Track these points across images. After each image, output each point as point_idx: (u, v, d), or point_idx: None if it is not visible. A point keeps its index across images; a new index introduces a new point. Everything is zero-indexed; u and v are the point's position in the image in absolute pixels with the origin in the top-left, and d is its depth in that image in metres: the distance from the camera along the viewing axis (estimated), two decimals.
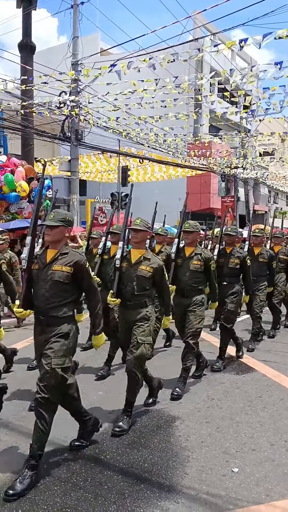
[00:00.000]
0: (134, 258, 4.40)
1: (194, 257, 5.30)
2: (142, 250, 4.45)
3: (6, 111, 12.71)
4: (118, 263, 4.41)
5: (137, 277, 4.30)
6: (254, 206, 33.64)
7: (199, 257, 5.29)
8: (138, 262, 4.36)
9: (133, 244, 4.49)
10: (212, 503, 3.05)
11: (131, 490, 3.18)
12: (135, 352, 4.16)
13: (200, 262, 5.27)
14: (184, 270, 5.29)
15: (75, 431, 3.92)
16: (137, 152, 18.98)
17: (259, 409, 4.68)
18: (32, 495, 3.09)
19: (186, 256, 5.35)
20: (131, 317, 4.30)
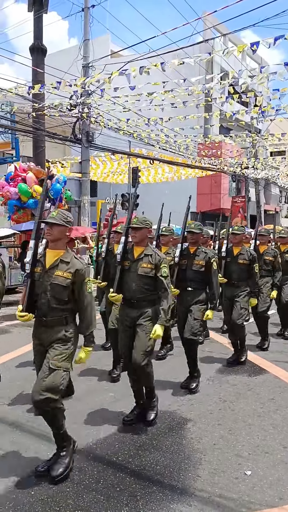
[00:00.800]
0: (136, 255, 4.32)
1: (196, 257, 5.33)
2: (142, 248, 4.35)
3: (18, 114, 12.80)
4: (118, 258, 4.33)
5: (138, 275, 4.23)
6: (265, 206, 33.48)
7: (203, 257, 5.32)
8: (139, 259, 4.27)
9: (134, 243, 4.38)
10: (224, 506, 3.04)
11: (143, 492, 3.18)
12: None
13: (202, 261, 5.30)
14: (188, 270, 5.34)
15: (87, 432, 3.94)
16: (147, 153, 19.01)
17: (271, 411, 4.65)
18: (44, 497, 3.10)
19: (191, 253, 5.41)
20: (134, 314, 4.23)
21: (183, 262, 5.36)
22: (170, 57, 11.82)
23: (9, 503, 3.04)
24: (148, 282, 4.21)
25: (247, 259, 6.33)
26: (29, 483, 3.27)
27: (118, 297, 4.31)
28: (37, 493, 3.15)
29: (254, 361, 6.45)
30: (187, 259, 5.34)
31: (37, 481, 3.29)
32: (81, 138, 14.61)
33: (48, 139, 14.64)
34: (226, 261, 6.42)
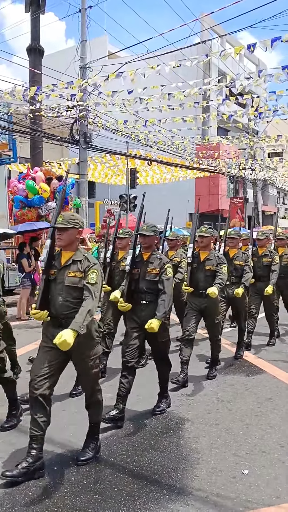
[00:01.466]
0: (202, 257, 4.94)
1: (207, 262, 5.59)
2: (148, 254, 4.55)
3: (15, 115, 12.80)
4: (128, 269, 4.45)
5: (146, 280, 4.41)
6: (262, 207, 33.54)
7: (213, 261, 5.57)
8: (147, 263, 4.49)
9: (143, 249, 4.58)
10: (222, 505, 3.04)
11: (141, 492, 3.18)
12: None
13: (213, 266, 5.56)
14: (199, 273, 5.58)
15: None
16: (145, 154, 19.02)
17: (269, 411, 4.66)
18: (42, 497, 3.10)
19: (201, 260, 5.62)
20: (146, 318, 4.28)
21: None
22: (167, 58, 11.84)
23: (6, 504, 3.04)
24: None
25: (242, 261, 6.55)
26: (27, 483, 3.26)
27: (128, 307, 4.43)
28: (34, 494, 3.15)
29: (252, 361, 6.47)
30: None
31: (35, 482, 3.29)
32: (78, 139, 14.61)
33: (46, 140, 14.64)
34: None
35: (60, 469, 3.48)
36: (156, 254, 4.56)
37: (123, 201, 17.57)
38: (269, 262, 7.12)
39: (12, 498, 3.10)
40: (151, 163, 20.37)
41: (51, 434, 4.00)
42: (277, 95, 10.09)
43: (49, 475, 3.38)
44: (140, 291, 4.42)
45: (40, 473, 3.33)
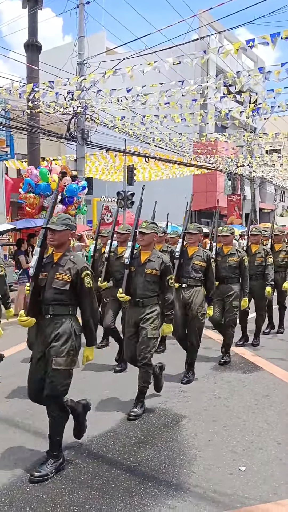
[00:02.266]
0: (143, 259, 4.54)
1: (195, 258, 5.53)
2: (149, 252, 4.56)
3: (12, 111, 12.75)
4: (127, 261, 4.53)
5: (145, 277, 4.47)
6: (260, 205, 33.57)
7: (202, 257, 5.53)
8: (145, 263, 4.51)
9: (141, 247, 4.60)
10: (219, 501, 3.06)
11: (138, 488, 3.19)
12: None
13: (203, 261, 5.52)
14: None
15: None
16: (142, 151, 18.98)
17: (266, 408, 4.68)
18: (40, 493, 3.11)
19: (188, 255, 5.57)
20: (139, 315, 4.46)
21: None
22: (165, 54, 11.80)
23: (4, 500, 3.04)
24: None
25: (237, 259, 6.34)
26: (25, 480, 3.27)
27: (127, 298, 4.52)
28: (32, 490, 3.15)
29: (249, 358, 6.48)
30: None
31: None
32: (76, 136, 14.57)
33: (43, 136, 14.59)
34: (217, 260, 6.35)
35: None
36: (157, 253, 4.58)
37: (121, 198, 17.56)
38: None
39: (10, 494, 3.10)
40: (148, 160, 20.34)
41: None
42: (276, 92, 10.07)
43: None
44: None
45: None
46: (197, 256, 5.48)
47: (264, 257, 7.03)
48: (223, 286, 6.23)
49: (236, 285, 6.34)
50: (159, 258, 4.48)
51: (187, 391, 5.13)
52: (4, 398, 4.86)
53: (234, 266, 6.32)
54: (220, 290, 6.18)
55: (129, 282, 4.48)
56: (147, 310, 4.44)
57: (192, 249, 5.56)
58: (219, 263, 6.33)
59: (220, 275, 6.23)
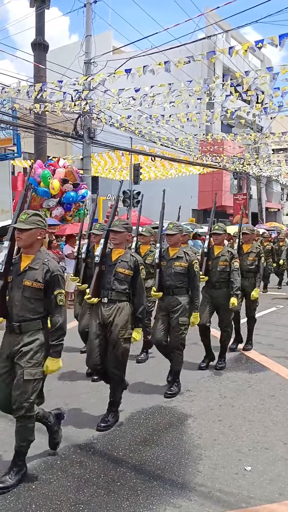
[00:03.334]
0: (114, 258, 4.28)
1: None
2: (121, 250, 4.30)
3: (19, 110, 12.79)
4: (97, 259, 4.21)
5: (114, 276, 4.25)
6: (266, 204, 33.46)
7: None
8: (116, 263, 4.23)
9: (113, 245, 4.35)
10: (224, 501, 3.05)
11: (144, 487, 3.19)
12: None
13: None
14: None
15: (88, 427, 3.96)
16: (149, 150, 18.98)
17: (272, 408, 4.67)
18: (46, 490, 3.12)
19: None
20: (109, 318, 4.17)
21: None
22: (172, 53, 11.78)
23: (10, 497, 3.06)
24: None
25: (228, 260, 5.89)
26: (30, 477, 3.28)
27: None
28: (38, 487, 3.16)
29: (254, 358, 6.47)
30: None
31: (38, 475, 3.31)
32: (82, 135, 14.58)
33: (50, 135, 14.63)
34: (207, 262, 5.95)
35: (63, 463, 3.50)
36: (129, 252, 4.33)
37: (126, 197, 17.57)
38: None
39: (16, 491, 3.11)
40: (154, 159, 20.34)
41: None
42: (282, 91, 10.03)
43: (52, 469, 3.39)
44: None
45: None
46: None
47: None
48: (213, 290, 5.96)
49: None
50: (132, 257, 4.23)
51: (193, 390, 5.13)
52: None
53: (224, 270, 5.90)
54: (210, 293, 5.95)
55: (99, 281, 4.18)
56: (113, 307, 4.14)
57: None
58: (208, 266, 5.96)
59: (210, 279, 5.95)
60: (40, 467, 3.42)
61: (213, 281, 5.86)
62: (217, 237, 5.93)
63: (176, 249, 5.11)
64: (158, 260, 5.07)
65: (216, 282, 5.85)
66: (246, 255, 6.78)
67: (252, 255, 6.77)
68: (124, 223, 4.35)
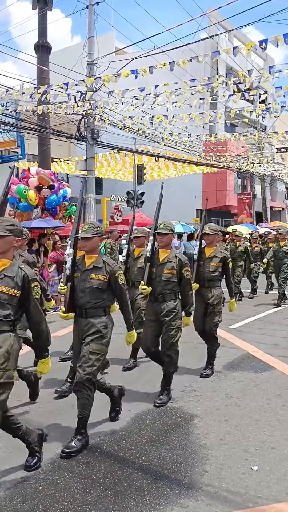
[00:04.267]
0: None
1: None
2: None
3: (23, 112, 12.83)
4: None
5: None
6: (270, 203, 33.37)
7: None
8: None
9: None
10: (231, 500, 3.05)
11: (151, 487, 3.19)
12: None
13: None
14: None
15: (94, 428, 3.96)
16: (152, 150, 18.98)
17: (278, 407, 4.65)
18: (52, 492, 3.12)
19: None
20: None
21: None
22: (175, 53, 11.78)
23: (17, 498, 3.06)
24: None
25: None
26: (37, 478, 3.29)
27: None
28: (45, 488, 3.17)
29: (260, 357, 6.45)
30: None
31: (45, 476, 3.31)
32: (86, 136, 14.61)
33: (53, 137, 14.66)
34: None
35: (70, 463, 3.50)
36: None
37: (130, 197, 17.58)
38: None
39: (22, 492, 3.12)
40: (158, 159, 20.34)
41: (59, 430, 4.03)
42: (284, 90, 10.02)
43: (59, 470, 3.40)
44: None
45: None
46: None
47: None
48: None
49: None
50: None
51: (199, 390, 5.13)
52: (16, 396, 4.88)
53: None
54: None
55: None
56: None
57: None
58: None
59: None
60: (47, 468, 3.43)
61: (155, 293, 4.81)
62: (162, 238, 4.81)
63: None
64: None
65: (159, 294, 4.81)
66: (208, 260, 5.69)
67: (215, 260, 5.65)
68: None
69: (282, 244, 11.23)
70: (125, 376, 5.60)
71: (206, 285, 5.67)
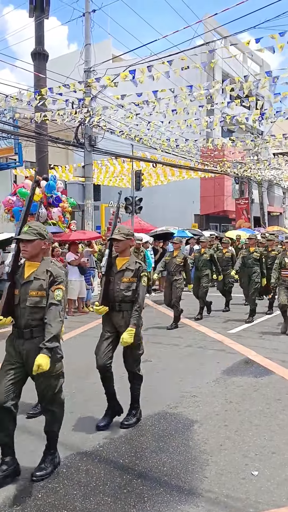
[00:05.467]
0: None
1: None
2: (126, 258, 4.44)
3: (20, 119, 12.87)
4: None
5: None
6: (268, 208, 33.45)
7: None
8: None
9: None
10: (232, 506, 3.03)
11: (151, 493, 3.18)
12: None
13: None
14: None
15: (93, 435, 3.95)
16: (150, 156, 19.04)
17: (278, 412, 4.64)
18: (52, 500, 3.11)
19: None
20: None
21: None
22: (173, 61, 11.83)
23: (16, 506, 3.05)
24: None
25: None
26: (37, 486, 3.27)
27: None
28: (44, 496, 3.15)
29: (260, 362, 6.44)
30: None
31: (45, 484, 3.30)
32: (83, 142, 14.65)
33: (51, 143, 14.69)
34: None
35: (69, 471, 3.48)
36: None
37: (128, 204, 17.60)
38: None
39: (22, 499, 3.10)
40: (156, 165, 20.39)
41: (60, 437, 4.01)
42: (282, 96, 10.07)
43: (58, 477, 3.38)
44: None
45: None
46: None
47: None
48: None
49: None
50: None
51: (198, 396, 5.11)
52: None
53: None
54: None
55: None
56: None
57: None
58: None
59: None
60: None
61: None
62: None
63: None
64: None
65: None
66: (119, 274, 4.41)
67: (128, 275, 4.38)
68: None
69: (252, 250, 9.83)
70: (124, 381, 5.58)
71: (117, 308, 4.36)
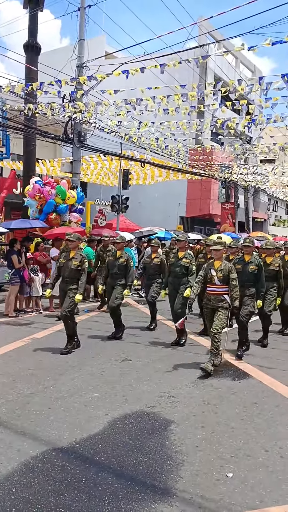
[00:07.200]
0: None
1: None
2: None
3: (9, 111, 12.73)
4: None
5: None
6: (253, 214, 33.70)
7: None
8: None
9: None
10: (206, 507, 3.05)
11: (125, 492, 3.18)
12: None
13: None
14: None
15: (70, 431, 3.93)
16: (139, 156, 19.02)
17: (254, 415, 4.68)
18: (26, 494, 3.09)
19: None
20: None
21: None
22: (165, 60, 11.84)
23: None
24: None
25: None
26: (11, 481, 3.25)
27: None
28: (18, 491, 3.13)
29: (238, 365, 6.49)
30: None
31: (19, 479, 3.27)
32: (72, 138, 14.56)
33: (40, 137, 14.58)
34: None
35: (45, 466, 3.47)
36: None
37: (115, 202, 17.57)
38: None
39: None
40: (144, 165, 20.37)
41: (35, 432, 4.00)
42: (273, 102, 10.13)
43: (33, 473, 3.36)
44: None
45: None
46: None
47: None
48: None
49: None
50: None
51: (176, 396, 5.13)
52: None
53: None
54: None
55: None
56: None
57: None
58: None
59: None
60: (21, 470, 3.39)
61: None
62: None
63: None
64: None
65: None
66: None
67: None
68: None
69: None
70: (105, 378, 5.58)
71: None
